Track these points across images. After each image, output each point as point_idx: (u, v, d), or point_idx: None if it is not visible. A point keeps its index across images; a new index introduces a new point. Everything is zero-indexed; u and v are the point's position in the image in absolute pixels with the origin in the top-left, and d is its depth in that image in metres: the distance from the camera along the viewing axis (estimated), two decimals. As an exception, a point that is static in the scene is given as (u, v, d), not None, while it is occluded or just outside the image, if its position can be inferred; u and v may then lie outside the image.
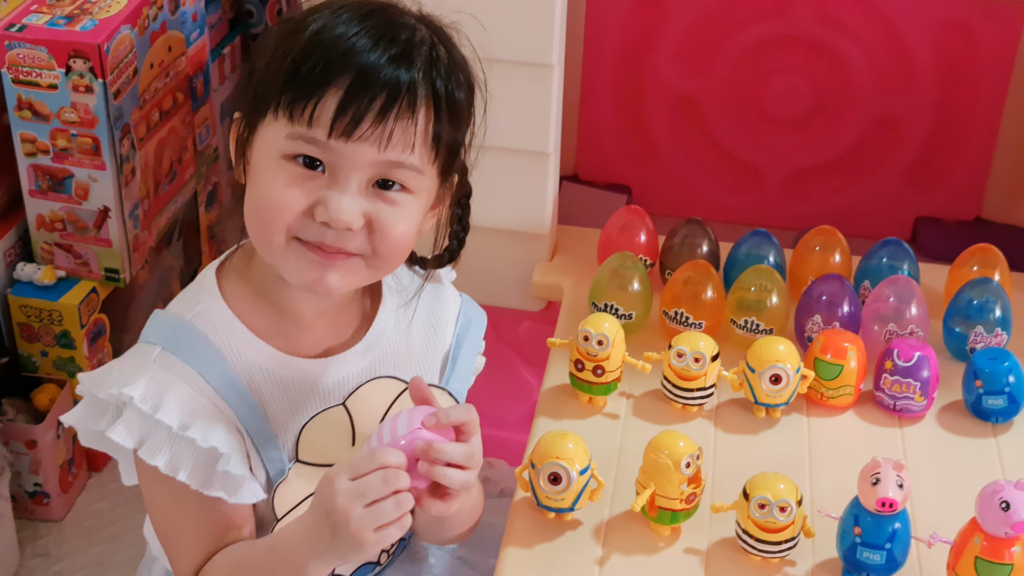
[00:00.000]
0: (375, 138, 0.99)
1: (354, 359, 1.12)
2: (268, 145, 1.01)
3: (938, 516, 1.16)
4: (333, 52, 0.99)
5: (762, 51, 2.10)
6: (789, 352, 1.29)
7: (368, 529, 0.95)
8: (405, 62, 1.00)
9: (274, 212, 1.00)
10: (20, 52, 1.65)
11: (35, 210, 1.76)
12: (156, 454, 1.03)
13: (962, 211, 2.18)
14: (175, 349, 1.06)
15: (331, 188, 1.00)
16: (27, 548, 1.78)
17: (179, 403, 1.04)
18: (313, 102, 0.98)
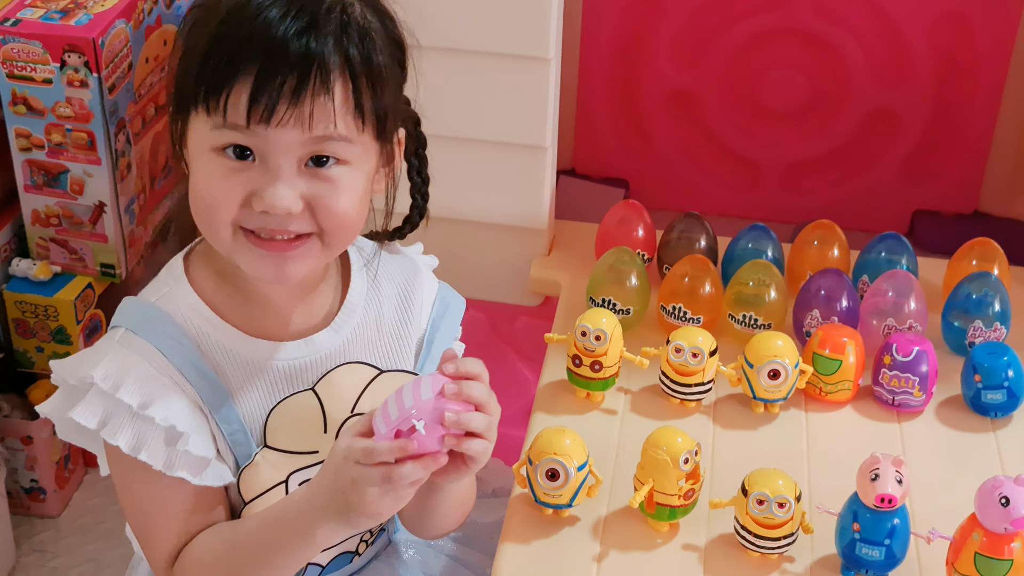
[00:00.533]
0: (295, 120, 0.97)
1: (324, 340, 1.11)
2: (198, 140, 1.01)
3: (937, 512, 1.16)
4: (238, 37, 0.97)
5: (758, 44, 2.10)
6: (787, 347, 1.29)
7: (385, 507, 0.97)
8: (313, 34, 0.97)
9: (213, 208, 1.00)
10: (14, 47, 1.64)
11: (30, 205, 1.76)
12: (117, 434, 1.03)
13: (960, 204, 2.18)
14: (138, 329, 1.06)
15: (264, 175, 0.99)
16: (23, 544, 1.78)
17: (139, 382, 1.04)
18: (225, 93, 0.97)
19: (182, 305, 1.08)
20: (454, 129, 1.58)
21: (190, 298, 1.08)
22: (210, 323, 1.08)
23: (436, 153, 1.61)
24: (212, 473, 1.07)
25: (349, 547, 1.19)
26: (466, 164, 1.61)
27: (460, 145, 1.59)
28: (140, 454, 1.03)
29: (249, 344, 1.08)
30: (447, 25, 1.52)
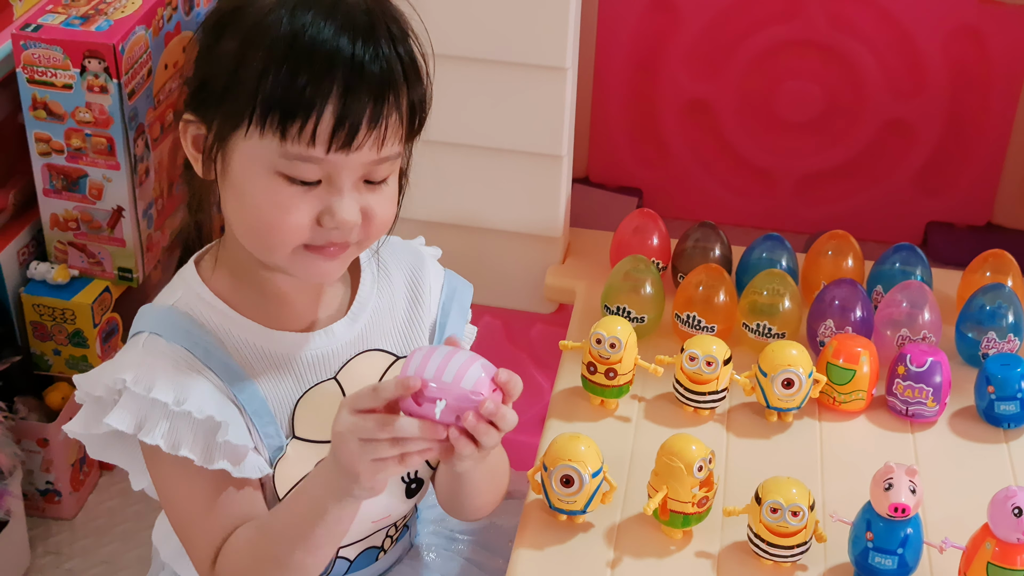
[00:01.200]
0: (372, 142, 0.99)
1: (342, 330, 1.13)
2: (255, 161, 1.00)
3: (950, 521, 1.16)
4: (318, 61, 0.96)
5: (774, 55, 2.11)
6: (801, 356, 1.29)
7: (362, 461, 0.96)
8: (372, 48, 0.98)
9: (280, 231, 1.01)
10: (35, 52, 1.65)
11: (49, 209, 1.77)
12: (155, 433, 1.04)
13: (973, 216, 2.18)
14: (161, 332, 1.07)
15: (329, 193, 1.00)
16: (38, 546, 1.79)
17: (171, 380, 1.04)
18: (312, 121, 0.96)
19: (200, 305, 1.09)
20: (470, 137, 1.59)
21: (208, 297, 1.09)
22: (230, 320, 1.09)
23: (453, 161, 1.63)
24: (251, 464, 1.07)
25: (375, 542, 1.20)
26: (482, 172, 1.62)
27: (476, 153, 1.60)
28: (180, 450, 1.04)
29: (271, 337, 1.10)
30: (464, 34, 1.52)
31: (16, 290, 1.77)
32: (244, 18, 1.00)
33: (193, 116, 1.04)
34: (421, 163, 1.58)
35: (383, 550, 1.22)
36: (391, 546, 1.23)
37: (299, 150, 0.98)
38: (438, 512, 1.32)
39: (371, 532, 1.18)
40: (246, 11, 1.00)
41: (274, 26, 0.98)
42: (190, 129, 1.05)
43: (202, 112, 1.03)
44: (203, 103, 1.03)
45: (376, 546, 1.21)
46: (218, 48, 1.01)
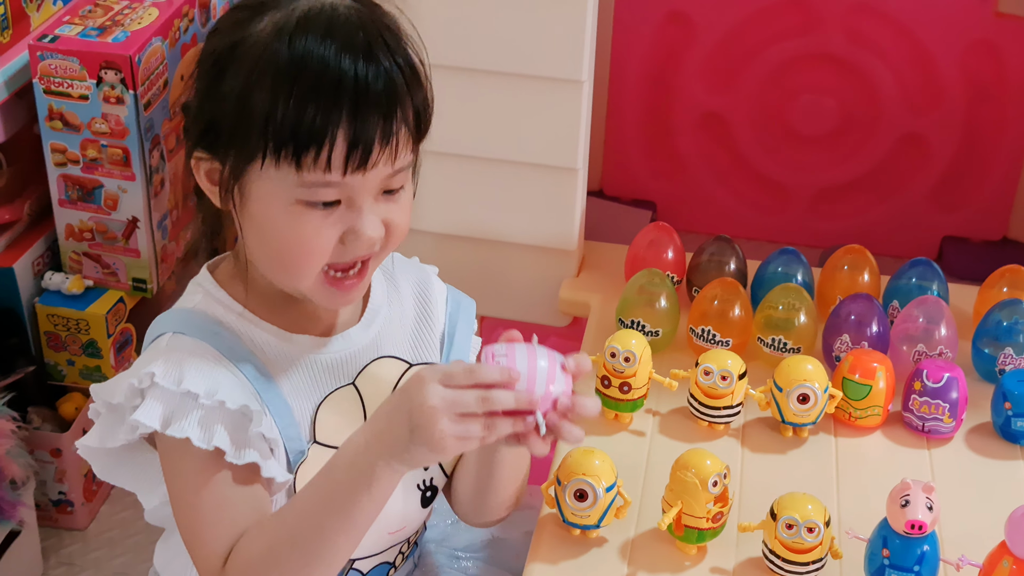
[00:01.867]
0: (385, 158, 1.00)
1: (358, 334, 1.14)
2: (273, 193, 1.01)
3: (967, 539, 1.15)
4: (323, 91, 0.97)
5: (790, 69, 2.11)
6: (817, 371, 1.29)
7: (452, 438, 0.95)
8: (374, 66, 0.98)
9: (307, 257, 1.02)
10: (52, 63, 1.66)
11: (64, 220, 1.77)
12: (187, 426, 1.02)
13: (989, 231, 2.17)
14: (184, 330, 1.07)
15: (351, 212, 1.01)
16: (51, 557, 1.79)
17: (201, 372, 1.04)
18: (326, 149, 0.98)
19: (220, 309, 1.10)
20: (486, 150, 1.59)
21: (227, 301, 1.10)
22: (250, 322, 1.09)
23: (469, 173, 1.63)
24: (276, 465, 1.07)
25: (388, 558, 1.19)
26: (498, 185, 1.62)
27: (492, 166, 1.60)
28: (213, 442, 1.02)
29: (289, 339, 1.10)
30: (481, 47, 1.53)
31: (31, 300, 1.78)
32: (243, 54, 1.00)
33: (205, 154, 1.05)
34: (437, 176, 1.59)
35: (394, 567, 1.21)
36: (402, 563, 1.23)
37: (316, 177, 0.99)
38: (440, 531, 1.33)
39: (387, 546, 1.17)
40: (243, 46, 1.01)
41: (275, 57, 0.98)
42: (203, 165, 1.05)
43: (213, 150, 1.03)
44: (214, 142, 1.03)
45: (389, 562, 1.20)
46: (222, 87, 1.01)
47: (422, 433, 0.96)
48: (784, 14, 2.08)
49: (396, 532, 1.17)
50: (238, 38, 1.01)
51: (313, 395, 1.11)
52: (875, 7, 2.04)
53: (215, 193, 1.05)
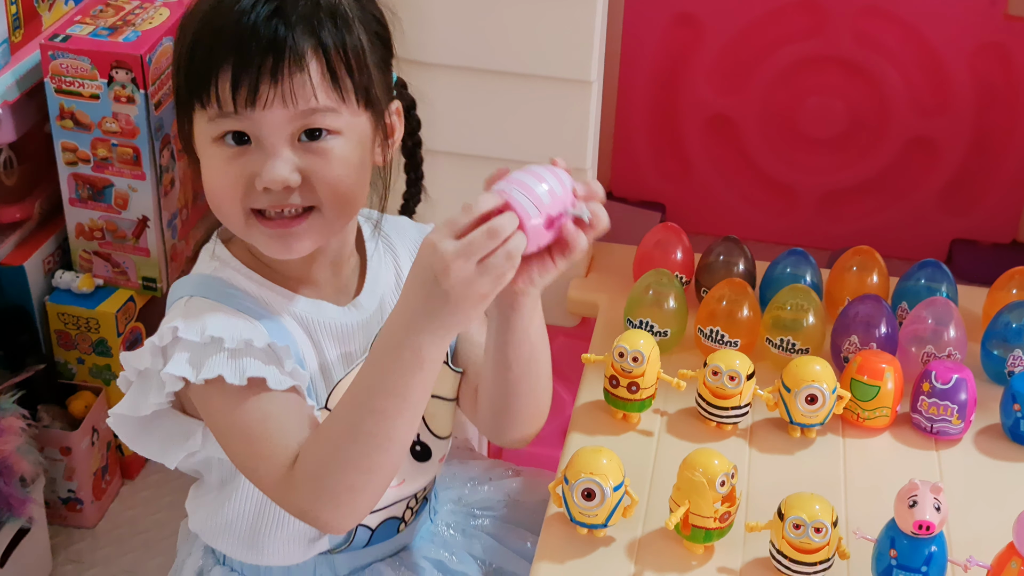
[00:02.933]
0: (278, 99, 1.03)
1: (366, 302, 1.18)
2: (200, 135, 1.08)
3: (975, 540, 1.15)
4: (213, 32, 1.04)
5: (798, 70, 2.11)
6: (825, 372, 1.29)
7: (481, 281, 0.96)
8: (282, 19, 1.03)
9: (222, 194, 1.07)
10: (63, 62, 1.66)
11: (75, 219, 1.78)
12: (216, 366, 1.05)
13: (998, 233, 2.17)
14: (202, 293, 1.11)
15: (260, 156, 1.05)
16: (60, 554, 1.79)
17: (223, 322, 1.07)
18: (213, 83, 1.03)
19: (233, 273, 1.13)
20: (495, 150, 1.60)
21: (237, 266, 1.14)
22: (261, 284, 1.13)
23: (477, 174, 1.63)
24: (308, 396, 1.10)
25: (396, 513, 1.22)
26: (506, 185, 1.62)
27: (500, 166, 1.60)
28: (247, 373, 1.04)
29: (300, 302, 1.14)
30: (489, 47, 1.53)
31: (41, 299, 1.78)
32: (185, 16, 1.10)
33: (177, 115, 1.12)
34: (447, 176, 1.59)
35: (404, 521, 1.24)
36: (411, 518, 1.26)
37: (213, 112, 1.05)
38: (457, 492, 1.36)
39: (392, 501, 1.20)
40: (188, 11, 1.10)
41: (194, 15, 1.07)
42: (178, 128, 1.13)
43: (177, 109, 1.12)
44: (176, 101, 1.11)
45: (397, 517, 1.23)
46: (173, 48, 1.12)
47: (455, 292, 0.96)
48: (793, 16, 2.08)
49: (398, 486, 1.20)
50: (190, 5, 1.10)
51: (318, 357, 1.14)
52: (884, 9, 2.04)
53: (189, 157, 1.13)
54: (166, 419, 1.14)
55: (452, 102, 1.56)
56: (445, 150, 1.58)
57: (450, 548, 1.30)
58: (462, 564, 1.28)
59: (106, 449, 1.85)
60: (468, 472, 1.41)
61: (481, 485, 1.39)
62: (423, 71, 1.53)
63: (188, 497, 1.26)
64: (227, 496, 1.19)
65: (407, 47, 1.47)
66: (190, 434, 1.14)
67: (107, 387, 1.83)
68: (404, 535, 1.27)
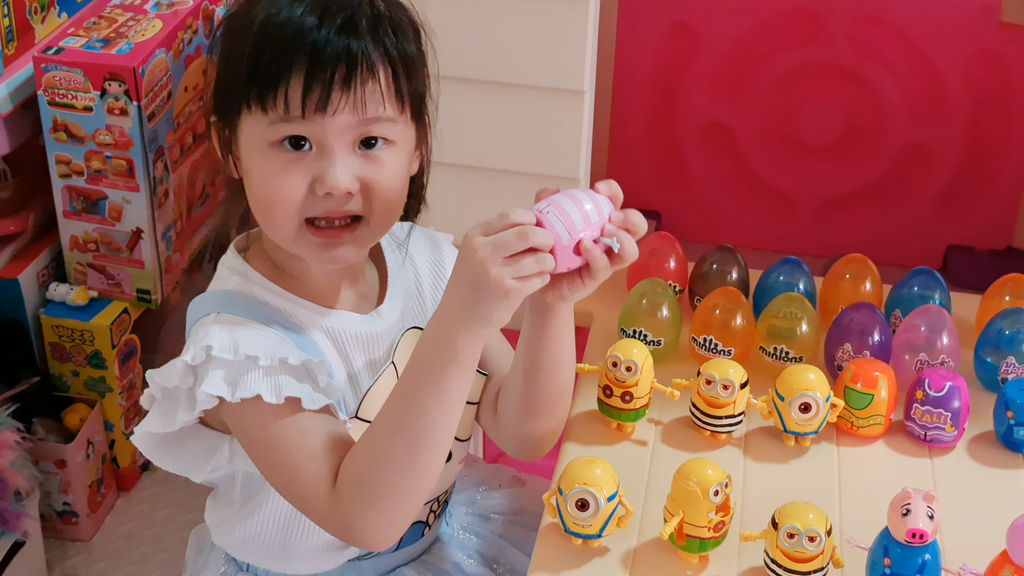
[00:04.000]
0: (349, 105, 1.04)
1: (388, 310, 1.19)
2: (252, 139, 1.07)
3: (968, 548, 1.15)
4: (283, 39, 1.04)
5: (794, 79, 2.11)
6: (819, 381, 1.28)
7: (508, 277, 0.98)
8: (352, 32, 1.04)
9: (278, 200, 1.07)
10: (56, 74, 1.67)
11: (69, 231, 1.78)
12: (253, 384, 1.05)
13: (993, 240, 2.17)
14: (230, 310, 1.11)
15: (321, 160, 1.06)
16: (55, 568, 1.79)
17: (255, 338, 1.07)
18: (282, 89, 1.03)
19: (257, 289, 1.14)
20: (488, 160, 1.60)
21: (261, 281, 1.14)
22: (285, 298, 1.14)
23: (471, 184, 1.63)
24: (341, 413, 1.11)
25: (422, 517, 1.24)
26: (500, 195, 1.62)
27: (494, 176, 1.61)
28: (284, 392, 1.05)
29: (324, 314, 1.15)
30: (482, 58, 1.53)
31: (35, 311, 1.78)
32: (235, 20, 1.09)
33: (216, 118, 1.12)
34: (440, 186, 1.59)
35: (428, 525, 1.26)
36: (435, 522, 1.27)
37: (279, 115, 1.04)
38: (468, 495, 1.38)
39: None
40: (237, 15, 1.09)
41: (254, 18, 1.06)
42: (215, 133, 1.12)
43: (219, 112, 1.11)
44: (217, 105, 1.11)
45: (423, 521, 1.25)
46: (223, 49, 1.10)
47: (483, 285, 0.99)
48: (789, 25, 2.08)
49: None
50: (235, 11, 1.10)
51: (344, 367, 1.15)
52: (879, 18, 2.05)
53: (229, 162, 1.12)
54: (192, 435, 1.14)
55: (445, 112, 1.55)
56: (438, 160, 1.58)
57: (466, 550, 1.31)
58: (478, 566, 1.30)
59: (101, 462, 1.85)
60: (475, 476, 1.43)
61: (492, 491, 1.40)
62: (416, 82, 1.54)
63: (207, 510, 1.27)
64: (254, 509, 1.19)
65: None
66: (216, 449, 1.14)
67: (102, 400, 1.83)
68: (427, 538, 1.28)
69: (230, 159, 1.12)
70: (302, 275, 1.15)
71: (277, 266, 1.16)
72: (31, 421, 1.76)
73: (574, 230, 1.03)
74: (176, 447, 1.15)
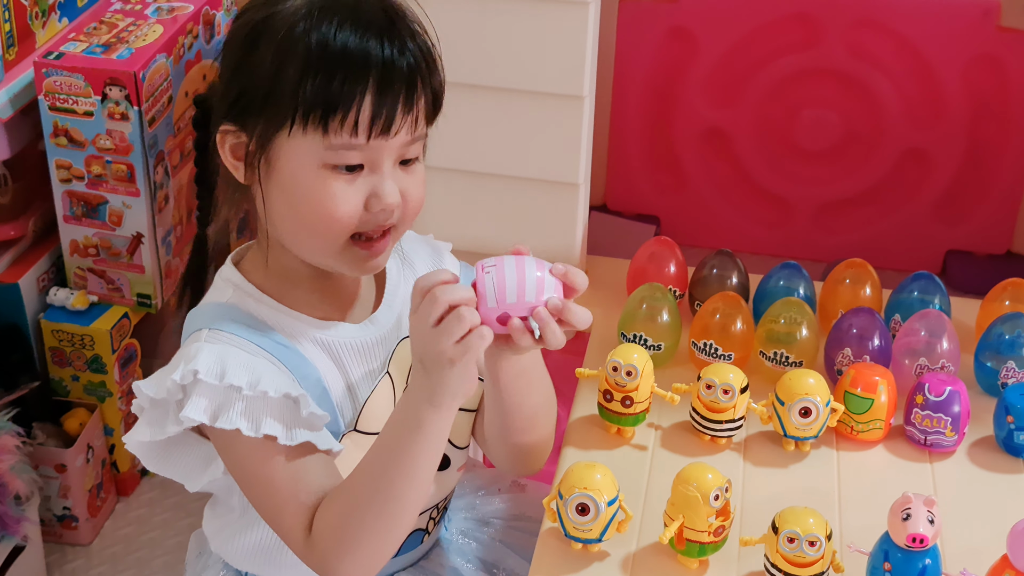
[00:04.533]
0: (407, 126, 1.07)
1: (384, 317, 1.19)
2: (302, 158, 1.06)
3: (969, 552, 1.15)
4: (351, 61, 1.04)
5: (792, 83, 2.11)
6: (819, 385, 1.28)
7: (445, 344, 0.99)
8: (399, 44, 1.05)
9: (335, 220, 1.07)
10: (57, 80, 1.67)
11: (69, 236, 1.78)
12: (234, 417, 1.06)
13: (993, 245, 2.17)
14: (219, 325, 1.11)
15: (373, 177, 1.07)
16: (54, 572, 1.79)
17: (241, 365, 1.08)
18: (353, 113, 1.04)
19: (251, 302, 1.14)
20: (488, 165, 1.60)
21: (256, 294, 1.14)
22: (280, 312, 1.14)
23: (471, 189, 1.63)
24: (327, 437, 1.11)
25: (421, 524, 1.25)
26: (499, 200, 1.62)
27: (494, 181, 1.61)
28: (262, 430, 1.06)
29: (320, 326, 1.15)
30: (483, 63, 1.53)
31: (35, 316, 1.78)
32: (273, 28, 1.06)
33: (232, 126, 1.09)
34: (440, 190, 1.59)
35: (427, 532, 1.27)
36: (434, 528, 1.28)
37: (343, 140, 1.05)
38: (467, 500, 1.38)
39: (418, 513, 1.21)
40: (274, 21, 1.07)
41: (306, 35, 1.04)
42: (228, 139, 1.10)
43: (242, 121, 1.09)
44: (243, 112, 1.08)
45: (422, 528, 1.25)
46: (254, 58, 1.07)
47: (426, 360, 1.01)
48: (786, 29, 2.08)
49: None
50: (270, 12, 1.07)
51: (342, 377, 1.15)
52: (877, 22, 2.05)
53: (239, 168, 1.11)
54: (187, 443, 1.15)
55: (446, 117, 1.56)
56: (438, 165, 1.58)
57: (465, 555, 1.31)
58: (477, 571, 1.30)
59: (101, 467, 1.85)
60: (475, 481, 1.43)
61: (491, 496, 1.40)
62: (416, 87, 1.54)
63: (205, 518, 1.27)
64: (254, 518, 1.18)
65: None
66: (213, 459, 1.15)
67: (101, 404, 1.83)
68: (425, 545, 1.29)
69: (241, 167, 1.11)
70: (299, 287, 1.15)
71: (273, 278, 1.15)
72: (31, 425, 1.76)
73: (503, 300, 1.03)
74: (172, 454, 1.15)
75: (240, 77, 1.09)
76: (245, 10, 1.11)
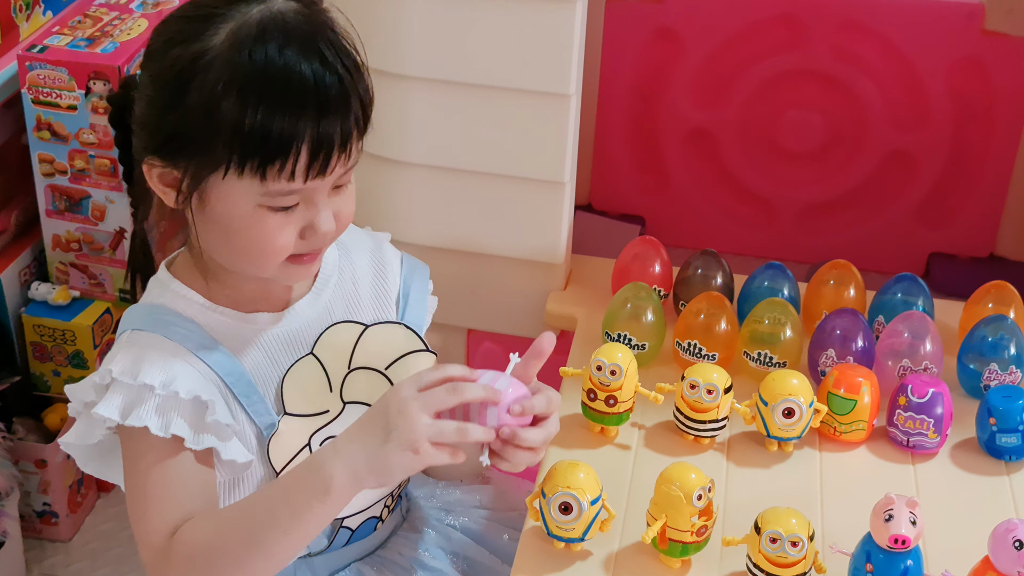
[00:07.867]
0: (343, 161, 1.06)
1: (307, 306, 1.19)
2: (237, 200, 1.05)
3: (950, 554, 1.15)
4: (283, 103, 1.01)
5: (777, 85, 2.11)
6: (802, 386, 1.29)
7: (425, 440, 1.01)
8: (328, 71, 1.03)
9: (271, 254, 1.08)
10: (40, 73, 1.66)
11: (51, 230, 1.77)
12: (144, 415, 1.06)
13: (976, 247, 2.18)
14: (143, 326, 1.12)
15: (308, 209, 1.08)
16: (34, 568, 1.78)
17: (155, 364, 1.08)
18: (291, 162, 1.02)
19: (178, 300, 1.14)
20: (473, 163, 1.60)
21: (184, 292, 1.15)
22: (208, 309, 1.14)
23: (456, 187, 1.63)
24: (235, 447, 1.11)
25: (375, 512, 1.24)
26: (485, 198, 1.62)
27: (479, 179, 1.60)
28: (170, 429, 1.06)
29: (246, 319, 1.16)
30: (468, 60, 1.53)
31: (17, 311, 1.77)
32: (206, 66, 1.02)
33: (159, 162, 1.07)
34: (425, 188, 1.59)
35: (381, 520, 1.26)
36: (388, 516, 1.27)
37: (280, 187, 1.04)
38: (428, 490, 1.38)
39: (372, 502, 1.23)
40: (204, 59, 1.03)
41: (239, 70, 1.01)
42: (155, 171, 1.08)
43: (172, 160, 1.06)
44: (174, 153, 1.06)
45: (375, 516, 1.25)
46: (186, 100, 1.03)
47: (397, 438, 1.01)
48: (772, 31, 2.08)
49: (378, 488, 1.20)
50: (198, 50, 1.03)
51: (275, 369, 1.16)
52: (862, 24, 2.05)
53: (168, 194, 1.09)
54: (117, 448, 1.14)
55: (430, 115, 1.56)
56: (422, 163, 1.58)
57: (425, 545, 1.31)
58: (437, 560, 1.29)
59: (82, 462, 1.84)
60: None
61: (453, 486, 1.40)
62: (401, 83, 1.53)
63: None
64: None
65: (384, 59, 1.48)
66: None
67: (83, 400, 1.82)
68: (380, 532, 1.28)
69: (171, 194, 1.08)
70: (234, 280, 1.15)
71: (202, 279, 1.15)
72: (11, 421, 1.75)
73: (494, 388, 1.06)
74: (108, 457, 1.16)
75: (171, 119, 1.05)
76: (168, 40, 1.06)
